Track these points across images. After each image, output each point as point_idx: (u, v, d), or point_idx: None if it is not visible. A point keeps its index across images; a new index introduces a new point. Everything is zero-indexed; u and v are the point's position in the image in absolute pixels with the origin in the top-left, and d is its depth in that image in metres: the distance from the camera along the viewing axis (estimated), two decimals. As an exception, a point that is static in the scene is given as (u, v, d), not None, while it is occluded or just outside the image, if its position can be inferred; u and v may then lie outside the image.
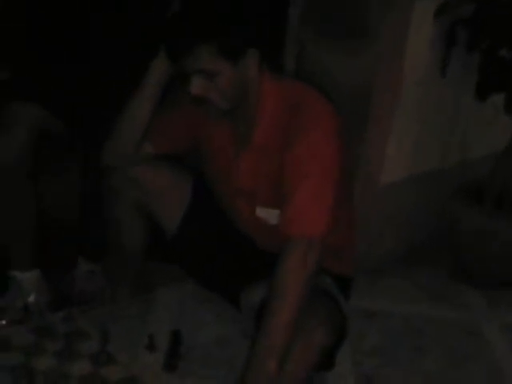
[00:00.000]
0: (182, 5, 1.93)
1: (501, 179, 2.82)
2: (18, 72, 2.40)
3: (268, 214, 2.04)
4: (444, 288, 2.89)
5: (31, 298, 2.45)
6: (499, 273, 2.87)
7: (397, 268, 2.91)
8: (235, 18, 1.86)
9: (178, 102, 2.11)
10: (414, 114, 2.79)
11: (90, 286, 2.63)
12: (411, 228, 2.98)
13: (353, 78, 2.63)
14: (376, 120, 2.65)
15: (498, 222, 2.80)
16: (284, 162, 1.91)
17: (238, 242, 2.20)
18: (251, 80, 1.93)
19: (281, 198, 1.93)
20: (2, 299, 2.45)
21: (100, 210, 2.31)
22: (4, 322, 2.40)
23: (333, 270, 2.09)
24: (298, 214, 1.87)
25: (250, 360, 1.80)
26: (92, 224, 2.54)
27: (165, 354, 2.29)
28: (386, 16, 2.49)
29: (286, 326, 1.78)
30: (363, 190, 2.61)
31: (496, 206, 2.83)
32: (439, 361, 2.47)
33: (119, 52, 2.29)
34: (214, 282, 2.29)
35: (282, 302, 1.80)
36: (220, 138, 2.09)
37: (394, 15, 2.50)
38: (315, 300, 1.86)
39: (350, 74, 2.63)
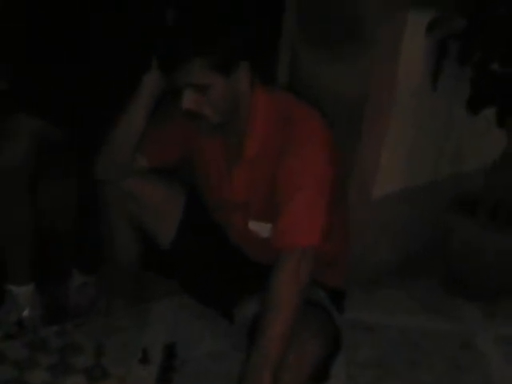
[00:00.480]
0: (175, 18, 1.93)
1: (494, 191, 2.83)
2: (18, 73, 2.40)
3: (260, 228, 2.04)
4: (439, 299, 2.88)
5: (25, 313, 2.43)
6: (494, 284, 2.88)
7: (392, 279, 2.91)
8: (227, 32, 1.86)
9: (169, 114, 2.11)
10: (407, 125, 2.79)
11: (84, 299, 2.62)
12: (406, 239, 2.98)
13: (346, 87, 2.63)
14: (369, 130, 2.65)
15: (492, 234, 2.80)
16: (276, 174, 1.91)
17: (232, 255, 2.20)
18: (243, 93, 1.93)
19: (273, 211, 1.93)
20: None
21: (95, 220, 2.31)
22: (-2, 337, 2.40)
23: (325, 282, 2.09)
24: (290, 225, 1.87)
25: (245, 372, 1.79)
26: (86, 236, 2.55)
27: (159, 367, 2.29)
28: (379, 27, 2.50)
29: (280, 337, 1.77)
30: (357, 201, 2.61)
31: (490, 217, 2.83)
32: (435, 373, 2.47)
33: (119, 52, 2.29)
34: (208, 296, 2.28)
35: (276, 314, 1.79)
36: (211, 151, 2.09)
37: (387, 27, 2.51)
38: (307, 312, 1.86)
39: (343, 84, 2.64)
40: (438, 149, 2.98)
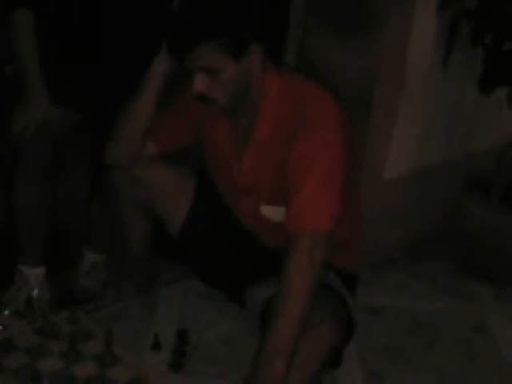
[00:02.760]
0: (185, 2, 1.90)
1: (507, 172, 2.80)
2: None
3: (272, 212, 2.03)
4: (451, 282, 2.87)
5: (35, 293, 2.43)
6: (507, 266, 2.86)
7: (404, 262, 2.90)
8: (239, 15, 1.84)
9: (177, 98, 2.10)
10: (418, 107, 2.77)
11: (93, 283, 2.63)
12: (418, 221, 2.97)
13: (356, 70, 2.62)
14: (380, 113, 2.64)
15: (506, 216, 2.78)
16: (288, 158, 1.89)
17: (243, 238, 2.19)
18: (254, 76, 1.90)
19: (284, 194, 1.91)
20: (6, 293, 2.44)
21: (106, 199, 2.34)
22: (7, 313, 2.40)
23: (338, 266, 2.07)
24: (303, 210, 1.85)
25: (259, 360, 1.79)
26: (97, 214, 2.56)
27: (171, 353, 2.27)
28: (389, 8, 2.47)
29: (294, 325, 1.77)
30: (368, 184, 2.59)
31: (503, 199, 2.81)
32: (447, 356, 2.46)
33: (128, 51, 2.28)
34: (219, 280, 2.27)
35: (290, 299, 1.78)
36: (221, 134, 2.07)
37: (398, 7, 2.48)
38: (320, 296, 1.84)
39: (353, 67, 2.62)
40: (449, 130, 2.96)
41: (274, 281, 1.89)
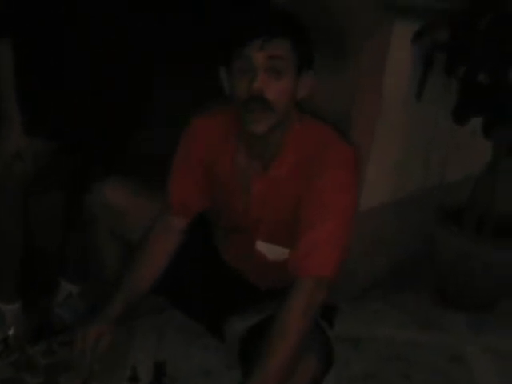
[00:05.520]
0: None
1: (480, 202, 2.83)
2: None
3: (267, 249, 2.03)
4: (427, 312, 2.88)
5: (11, 331, 2.40)
6: (482, 296, 2.88)
7: (380, 293, 2.91)
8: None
9: (177, 158, 2.09)
10: (393, 137, 2.79)
11: (69, 312, 2.61)
12: (394, 251, 2.97)
13: (331, 100, 2.62)
14: (356, 143, 2.64)
15: (480, 246, 2.80)
16: (303, 198, 1.88)
17: (222, 272, 2.18)
18: (293, 104, 1.89)
19: (286, 234, 1.91)
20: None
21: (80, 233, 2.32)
22: (-17, 356, 2.36)
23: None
24: (311, 252, 1.84)
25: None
26: (73, 244, 2.55)
27: (148, 385, 2.26)
28: (365, 38, 2.50)
29: (284, 363, 1.76)
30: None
31: (476, 229, 2.83)
32: (424, 386, 2.46)
33: (119, 74, 2.29)
34: (197, 313, 2.25)
35: (284, 340, 1.76)
36: (226, 164, 2.02)
37: (373, 39, 2.51)
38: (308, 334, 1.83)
39: (328, 97, 2.62)
40: (424, 160, 2.98)
41: (252, 313, 1.88)
